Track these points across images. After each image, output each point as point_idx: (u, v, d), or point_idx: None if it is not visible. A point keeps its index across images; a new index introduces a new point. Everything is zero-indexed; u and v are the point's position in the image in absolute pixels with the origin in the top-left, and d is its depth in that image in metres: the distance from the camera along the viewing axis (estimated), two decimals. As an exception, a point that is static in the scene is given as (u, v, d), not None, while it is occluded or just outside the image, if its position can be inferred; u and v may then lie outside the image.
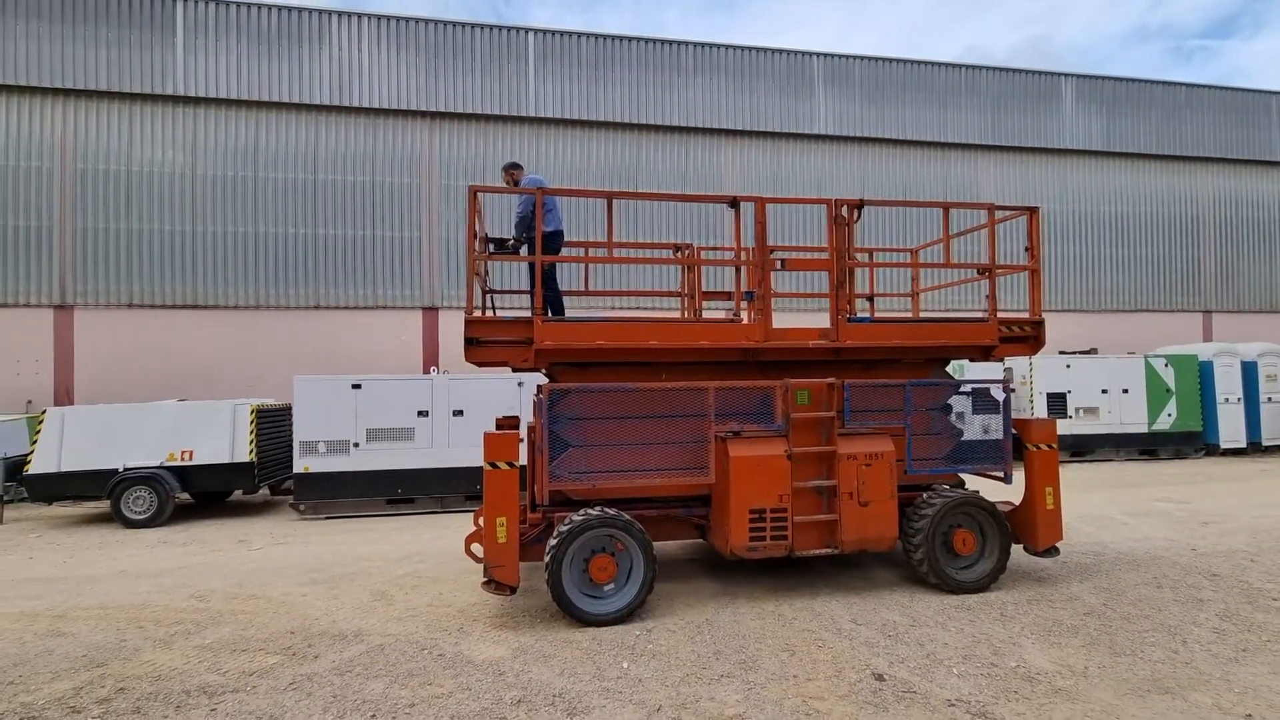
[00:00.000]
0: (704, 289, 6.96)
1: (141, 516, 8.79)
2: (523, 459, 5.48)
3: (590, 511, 4.91)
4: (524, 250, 6.17)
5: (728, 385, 5.22)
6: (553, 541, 4.83)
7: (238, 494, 10.72)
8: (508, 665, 4.33)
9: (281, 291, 13.44)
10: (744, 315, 5.46)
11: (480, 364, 5.26)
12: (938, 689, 3.94)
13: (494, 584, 4.85)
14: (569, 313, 6.51)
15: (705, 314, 6.82)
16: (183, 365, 12.84)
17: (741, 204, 5.45)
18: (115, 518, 8.84)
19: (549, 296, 5.98)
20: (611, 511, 4.92)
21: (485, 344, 5.16)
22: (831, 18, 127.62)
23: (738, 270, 5.49)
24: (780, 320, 7.15)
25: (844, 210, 5.51)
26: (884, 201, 6.37)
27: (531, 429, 5.51)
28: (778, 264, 5.44)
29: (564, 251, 11.09)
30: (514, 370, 6.11)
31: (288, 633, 4.97)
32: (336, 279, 13.67)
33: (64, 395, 12.45)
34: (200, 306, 13.13)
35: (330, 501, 9.28)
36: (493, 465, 4.78)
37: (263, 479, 9.64)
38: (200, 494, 10.22)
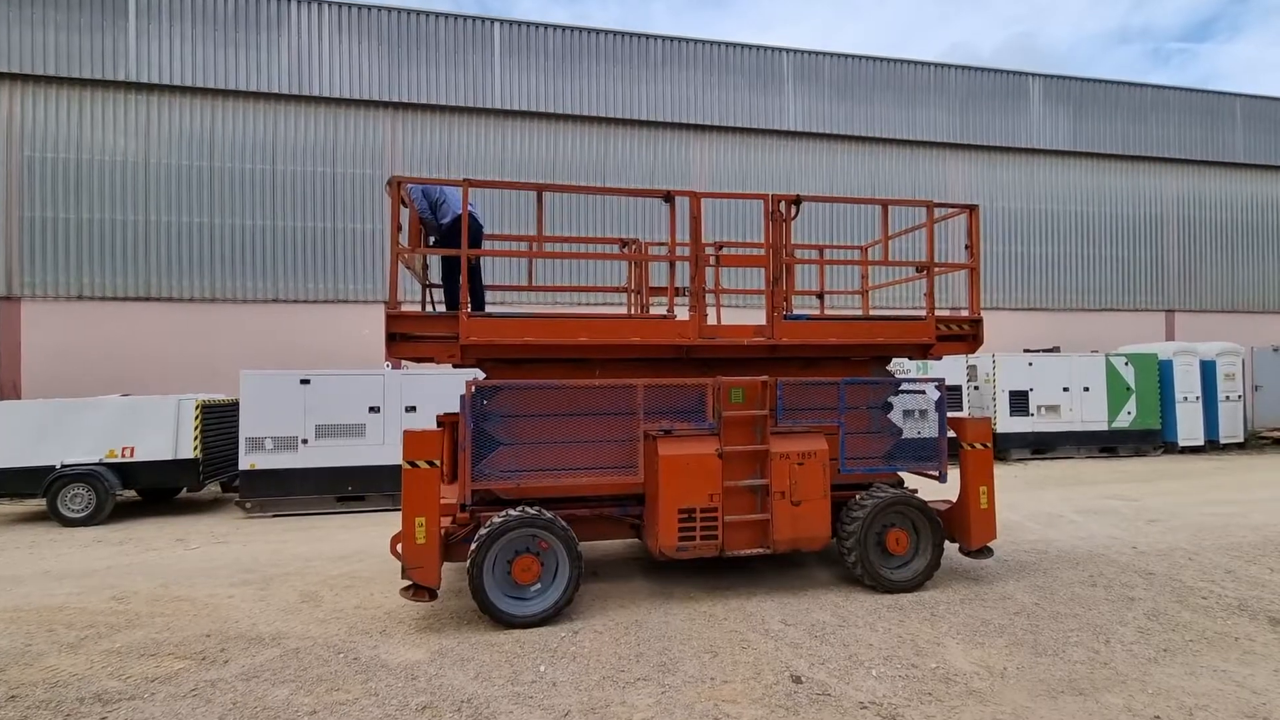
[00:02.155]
0: (652, 285, 6.89)
1: (79, 515, 8.54)
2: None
3: (511, 512, 4.81)
4: (431, 243, 6.02)
5: (657, 382, 5.14)
6: (473, 545, 4.73)
7: (187, 491, 10.47)
8: (422, 669, 4.22)
9: (238, 284, 13.15)
10: (678, 312, 5.38)
11: (405, 359, 5.13)
12: (853, 691, 3.90)
13: (413, 589, 4.74)
14: (515, 309, 6.38)
15: (653, 310, 6.75)
16: (135, 359, 12.53)
17: (677, 198, 5.36)
18: (52, 516, 8.59)
19: (452, 290, 5.81)
20: (533, 511, 4.83)
21: (410, 339, 5.03)
22: (818, 14, 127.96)
23: (672, 266, 5.41)
24: (730, 317, 7.11)
25: (781, 206, 5.44)
26: (822, 197, 6.32)
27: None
28: (711, 259, 5.35)
29: (506, 247, 10.93)
30: (455, 367, 5.98)
31: (203, 636, 4.82)
32: (295, 272, 13.40)
33: (10, 390, 12.10)
34: (154, 299, 12.81)
35: (278, 499, 9.10)
36: (411, 464, 4.66)
37: (209, 476, 9.44)
38: (147, 491, 9.98)
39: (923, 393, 5.67)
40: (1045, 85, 17.25)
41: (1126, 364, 14.30)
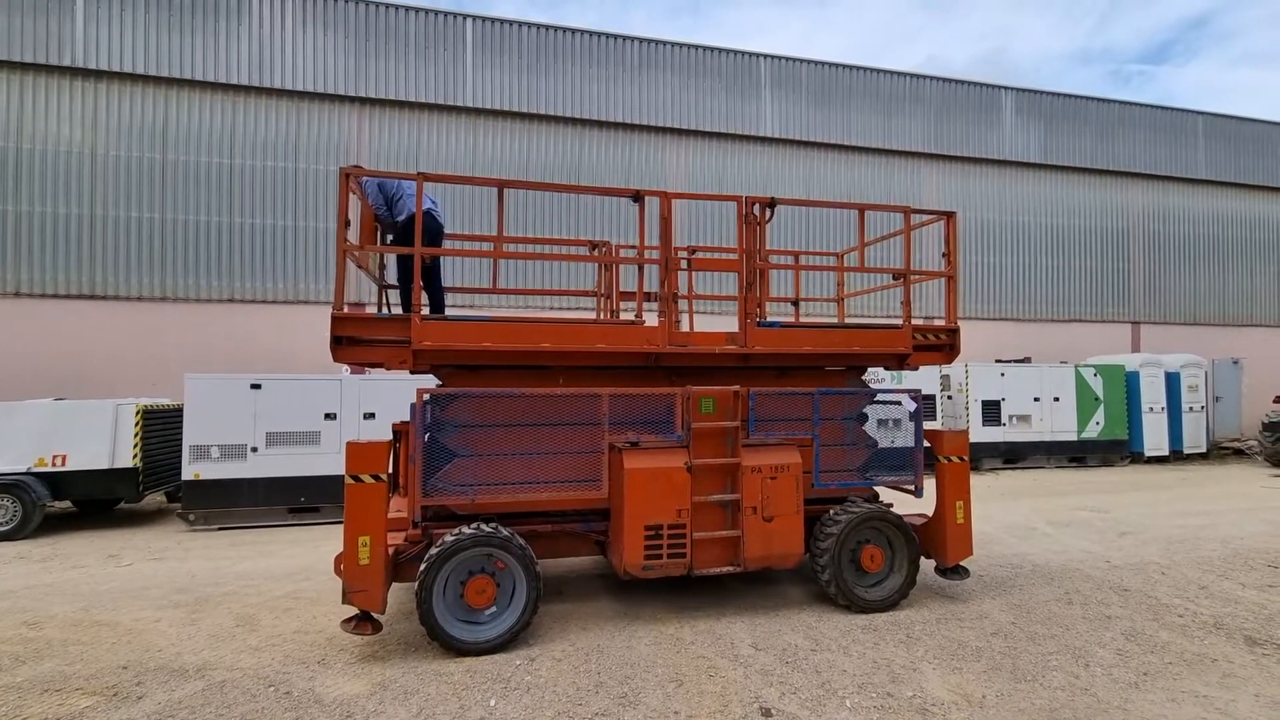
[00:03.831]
0: (622, 290, 6.61)
1: (4, 528, 7.92)
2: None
3: (464, 530, 4.47)
4: (387, 240, 5.69)
5: (623, 392, 4.86)
6: (422, 565, 4.38)
7: (126, 503, 9.85)
8: (360, 705, 3.86)
9: (192, 282, 12.53)
10: (647, 317, 5.11)
11: (352, 364, 4.77)
12: (826, 725, 3.64)
13: (355, 622, 4.38)
14: (481, 313, 6.04)
15: (622, 315, 6.46)
16: (79, 361, 11.82)
17: (647, 199, 5.09)
18: (-28, 529, 7.96)
19: (407, 292, 5.48)
20: (488, 528, 4.50)
21: (358, 343, 4.67)
22: (794, 26, 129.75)
23: (641, 269, 5.15)
24: (703, 324, 6.86)
25: (754, 208, 5.21)
26: (797, 201, 6.10)
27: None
28: (683, 263, 5.10)
29: (470, 247, 10.57)
30: (412, 373, 5.63)
31: (119, 668, 4.38)
32: (253, 270, 12.82)
33: (-62, 391, 11.30)
34: (99, 297, 12.12)
35: (224, 511, 8.57)
36: (355, 478, 4.30)
37: (150, 486, 8.87)
38: (83, 503, 9.36)
39: (898, 404, 5.48)
40: (1017, 99, 17.45)
41: (1095, 375, 14.43)
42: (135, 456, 8.47)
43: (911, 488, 5.48)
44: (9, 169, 11.84)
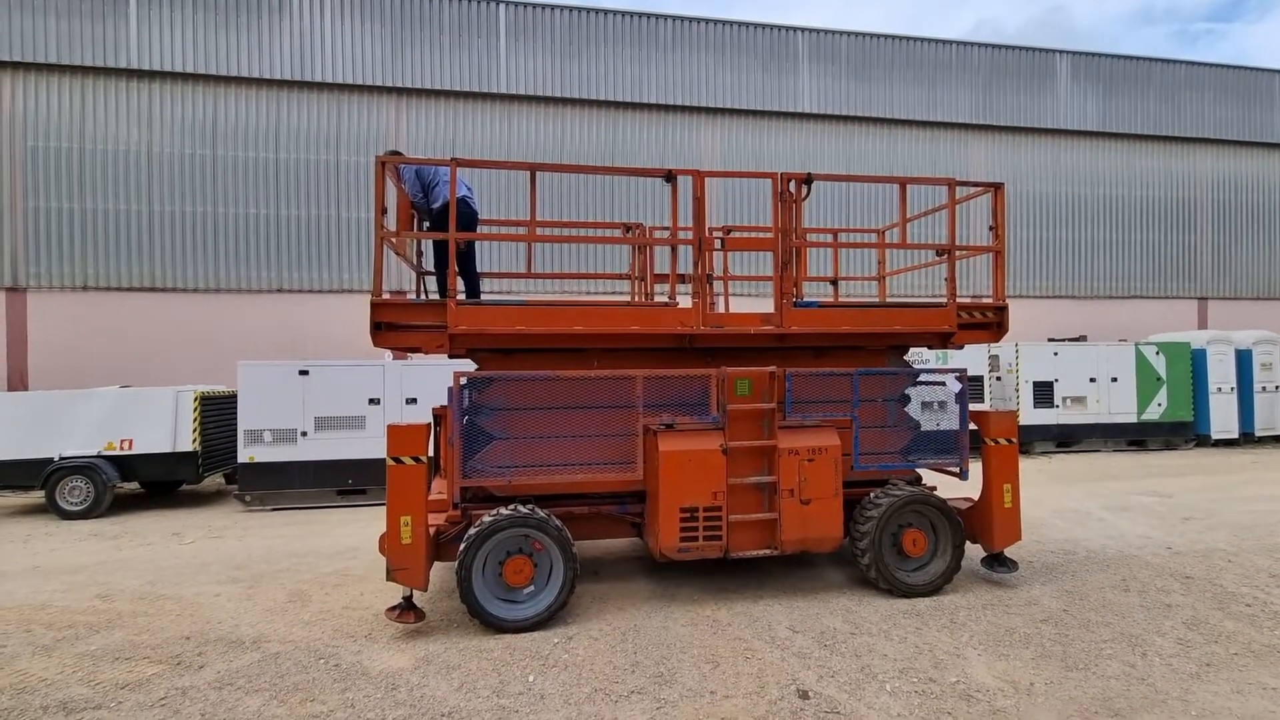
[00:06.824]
0: (657, 272, 6.56)
1: (78, 508, 8.45)
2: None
3: (502, 511, 4.54)
4: (424, 227, 5.76)
5: (657, 374, 4.83)
6: (461, 545, 4.47)
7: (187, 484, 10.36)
8: (405, 678, 3.98)
9: (243, 274, 13.02)
10: (681, 299, 5.06)
11: (391, 348, 4.88)
12: (864, 709, 3.59)
13: (399, 611, 4.52)
14: (518, 298, 6.08)
15: (657, 297, 6.43)
16: (140, 350, 12.46)
17: (680, 178, 5.01)
18: (50, 509, 8.51)
19: (444, 278, 5.54)
20: (525, 509, 4.56)
21: (396, 328, 4.76)
22: (832, 1, 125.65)
23: (674, 250, 5.08)
24: (740, 305, 6.77)
25: (790, 185, 5.07)
26: (835, 176, 5.93)
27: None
28: (716, 243, 5.01)
29: (505, 232, 10.60)
30: (450, 357, 5.72)
31: (182, 638, 4.63)
32: (300, 261, 13.23)
33: (18, 380, 12.10)
34: (158, 289, 12.72)
35: (278, 492, 8.94)
36: (396, 460, 4.41)
37: (209, 468, 9.31)
38: (150, 484, 9.90)
39: (942, 384, 5.30)
40: (1073, 63, 16.53)
41: (1157, 353, 13.70)
42: (195, 440, 8.90)
43: (956, 470, 5.32)
44: (74, 169, 12.46)
